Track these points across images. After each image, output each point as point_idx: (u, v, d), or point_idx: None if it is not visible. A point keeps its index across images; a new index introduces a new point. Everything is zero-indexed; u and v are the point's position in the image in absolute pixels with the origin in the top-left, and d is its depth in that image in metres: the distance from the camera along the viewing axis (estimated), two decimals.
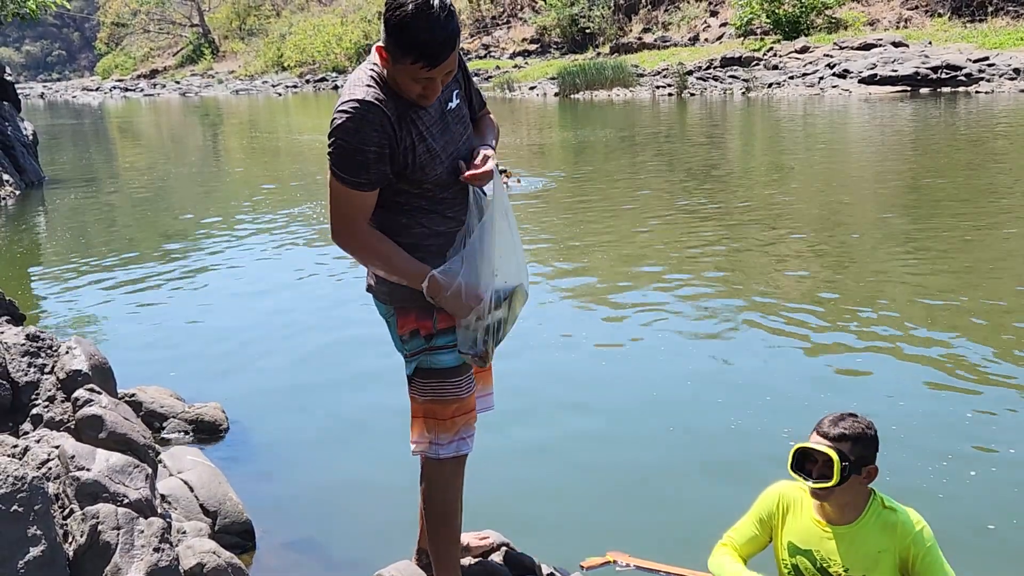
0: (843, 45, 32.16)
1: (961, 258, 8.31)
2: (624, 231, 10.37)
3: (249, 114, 39.27)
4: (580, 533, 3.88)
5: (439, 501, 2.80)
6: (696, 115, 25.41)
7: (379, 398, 5.25)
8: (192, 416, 5.12)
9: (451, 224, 2.73)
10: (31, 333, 4.52)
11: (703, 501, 4.12)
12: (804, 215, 10.97)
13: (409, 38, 2.39)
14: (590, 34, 43.81)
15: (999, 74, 26.42)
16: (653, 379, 5.73)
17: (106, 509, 2.68)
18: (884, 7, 35.71)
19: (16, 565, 2.46)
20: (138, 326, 7.38)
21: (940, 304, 6.91)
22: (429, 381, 2.73)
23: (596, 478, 4.41)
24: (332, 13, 64.90)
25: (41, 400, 4.21)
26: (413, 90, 2.52)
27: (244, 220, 12.38)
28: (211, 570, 3.46)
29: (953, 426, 4.78)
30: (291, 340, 6.83)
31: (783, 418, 4.91)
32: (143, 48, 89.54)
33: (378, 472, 4.38)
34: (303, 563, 3.84)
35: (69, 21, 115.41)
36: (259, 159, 22.15)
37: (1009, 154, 14.98)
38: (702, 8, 41.93)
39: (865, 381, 5.52)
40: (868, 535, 2.91)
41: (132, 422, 4.10)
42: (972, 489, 4.12)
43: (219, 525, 3.94)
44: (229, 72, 70.68)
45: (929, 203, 11.36)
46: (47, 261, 10.22)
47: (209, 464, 4.32)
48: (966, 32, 31.35)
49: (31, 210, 13.95)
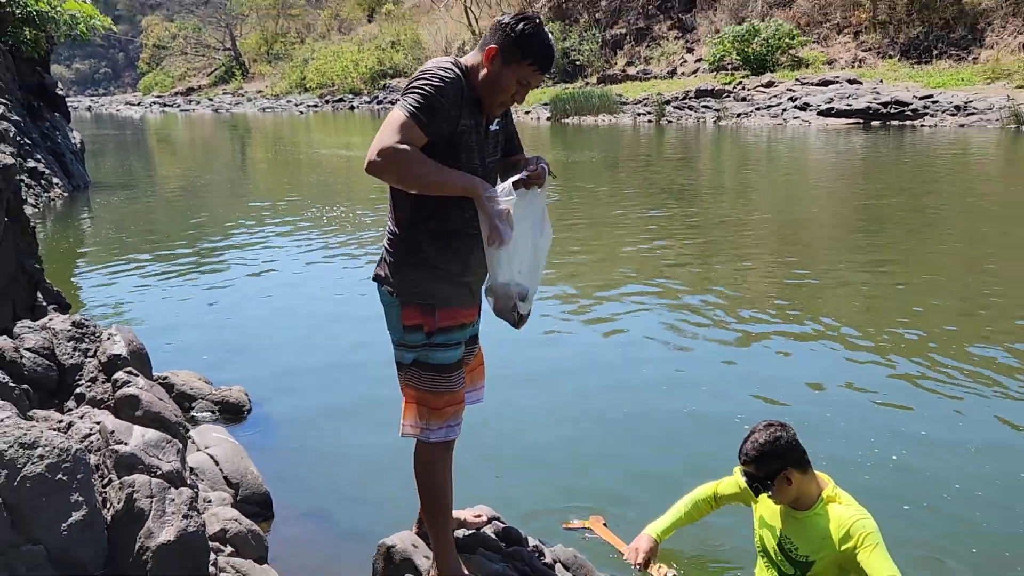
0: (804, 81, 32.29)
1: (902, 268, 8.37)
2: (607, 240, 10.39)
3: (274, 129, 39.21)
4: (560, 507, 3.91)
5: (430, 479, 2.80)
6: (672, 140, 25.45)
7: (387, 384, 5.22)
8: (218, 398, 5.12)
9: (469, 227, 2.67)
10: (76, 320, 4.51)
11: (669, 476, 4.14)
12: (766, 229, 11.02)
13: (535, 44, 2.59)
14: (580, 66, 43.86)
15: (941, 110, 26.53)
16: (633, 367, 5.74)
17: (141, 479, 2.67)
18: (841, 48, 35.81)
19: (60, 528, 2.45)
20: (171, 316, 7.36)
21: (881, 306, 6.99)
22: (426, 374, 2.72)
23: (577, 460, 4.43)
24: (350, 41, 64.88)
25: (84, 381, 4.20)
26: (510, 90, 2.64)
27: (268, 223, 12.37)
28: (233, 536, 3.46)
29: (881, 414, 4.82)
30: (308, 330, 6.85)
31: (735, 404, 4.97)
32: (180, 68, 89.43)
33: (384, 450, 4.37)
34: (316, 531, 3.84)
35: (115, 43, 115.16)
36: (282, 169, 22.11)
37: (947, 181, 15.05)
38: (679, 45, 42.00)
39: (811, 373, 5.56)
40: (816, 523, 2.95)
41: (165, 402, 4.09)
42: (893, 473, 4.16)
43: (241, 495, 3.93)
44: (257, 91, 70.61)
45: (876, 221, 11.42)
46: (91, 256, 10.19)
47: (233, 441, 4.32)
48: (913, 72, 31.49)
49: (77, 211, 13.91)
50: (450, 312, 2.70)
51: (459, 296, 2.73)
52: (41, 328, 4.39)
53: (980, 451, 4.38)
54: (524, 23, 2.59)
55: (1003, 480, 4.09)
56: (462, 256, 2.70)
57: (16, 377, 3.94)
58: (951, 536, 3.62)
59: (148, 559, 2.53)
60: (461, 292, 2.74)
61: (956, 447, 4.45)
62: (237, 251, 10.32)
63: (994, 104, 25.44)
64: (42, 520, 2.44)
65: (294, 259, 9.78)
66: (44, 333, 4.33)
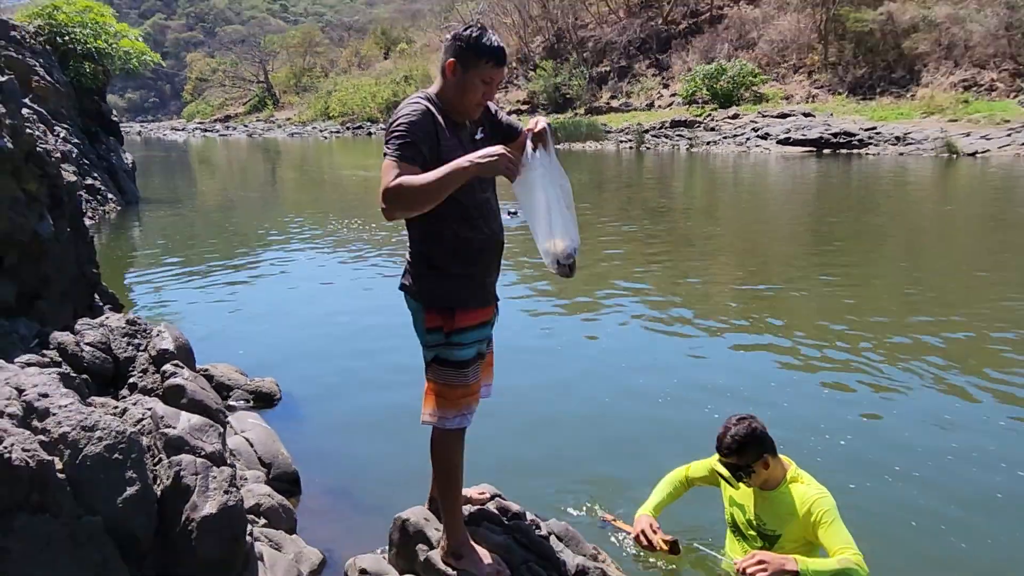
0: (765, 114, 32.37)
1: (848, 276, 8.37)
2: (592, 251, 10.39)
3: (301, 152, 39.18)
4: (556, 487, 3.91)
5: (444, 461, 2.79)
6: (650, 165, 25.48)
7: (402, 376, 5.23)
8: (252, 388, 5.11)
9: (477, 233, 2.66)
10: (130, 319, 4.50)
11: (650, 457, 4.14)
12: (730, 242, 11.04)
13: (485, 45, 2.55)
14: (570, 98, 43.91)
15: (884, 140, 26.60)
16: (610, 359, 5.74)
17: (187, 459, 2.66)
18: (797, 86, 35.93)
19: (116, 501, 2.44)
20: (211, 315, 7.35)
21: (829, 308, 6.99)
22: (444, 369, 2.70)
23: (569, 446, 4.42)
24: (368, 76, 64.94)
25: (137, 372, 4.19)
26: (478, 90, 2.59)
27: (295, 234, 12.37)
28: (266, 509, 3.45)
29: (832, 404, 4.83)
30: (332, 328, 6.84)
31: (705, 396, 4.97)
32: (219, 98, 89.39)
33: (399, 434, 4.37)
34: (338, 505, 3.83)
35: (163, 75, 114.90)
36: (308, 187, 22.09)
37: (888, 202, 15.08)
38: (657, 81, 42.12)
39: (770, 369, 5.56)
40: (782, 501, 2.95)
41: (207, 391, 4.08)
42: (843, 453, 4.16)
43: (272, 474, 3.93)
44: (286, 119, 70.50)
45: (826, 236, 11.45)
46: (141, 262, 10.17)
47: (265, 426, 4.31)
48: (859, 107, 31.61)
49: (129, 222, 13.88)
50: (468, 313, 2.68)
51: (476, 298, 2.70)
52: (99, 325, 4.38)
53: (917, 431, 4.40)
54: (470, 31, 2.58)
55: (936, 454, 4.13)
56: (474, 261, 2.67)
57: (77, 368, 3.93)
58: (896, 505, 3.64)
59: (193, 529, 2.52)
60: (478, 294, 2.71)
61: (898, 430, 4.46)
62: (269, 258, 10.30)
63: (929, 135, 25.53)
64: (100, 494, 2.43)
65: (319, 266, 9.78)
66: (102, 330, 4.32)
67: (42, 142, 4.96)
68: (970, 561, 3.29)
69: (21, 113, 4.63)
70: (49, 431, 2.47)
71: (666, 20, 45.49)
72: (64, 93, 14.53)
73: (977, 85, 29.61)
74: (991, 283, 8.02)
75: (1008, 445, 4.31)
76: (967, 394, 5.01)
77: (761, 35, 39.24)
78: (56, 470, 2.38)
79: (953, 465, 4.07)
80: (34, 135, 4.64)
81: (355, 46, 79.93)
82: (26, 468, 2.28)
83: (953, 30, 31.80)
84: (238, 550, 2.60)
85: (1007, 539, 3.42)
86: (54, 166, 4.86)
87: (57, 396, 2.61)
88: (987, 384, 5.15)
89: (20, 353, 3.63)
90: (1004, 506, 3.67)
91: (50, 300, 4.59)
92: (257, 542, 3.08)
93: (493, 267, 2.75)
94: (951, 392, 5.05)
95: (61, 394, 2.63)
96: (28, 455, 2.31)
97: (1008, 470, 3.98)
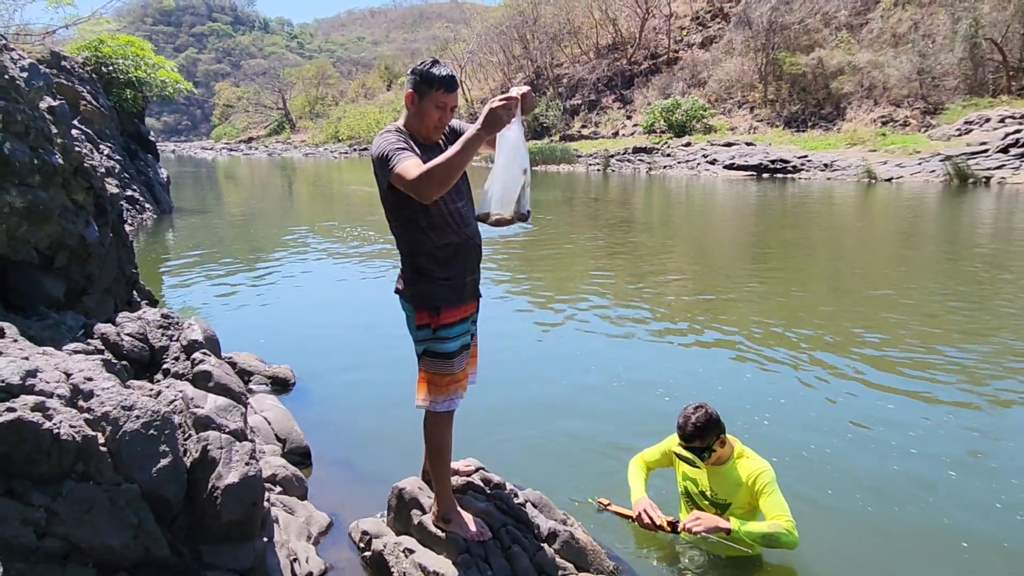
0: (714, 143, 32.53)
1: (782, 283, 8.42)
2: (561, 260, 10.41)
3: (314, 170, 38.93)
4: (534, 463, 3.91)
5: (435, 439, 2.79)
6: (614, 185, 25.56)
7: (401, 366, 5.21)
8: (270, 373, 5.08)
9: (454, 237, 2.64)
10: (164, 313, 4.47)
11: (610, 435, 4.16)
12: (682, 252, 11.08)
13: (434, 74, 2.56)
14: (546, 127, 43.99)
15: (814, 167, 26.77)
16: (575, 357, 5.76)
17: (214, 435, 2.64)
18: (741, 119, 36.18)
19: (151, 471, 2.43)
20: (235, 310, 7.30)
21: (766, 311, 7.03)
22: (433, 360, 2.70)
23: (545, 426, 4.43)
24: (373, 105, 64.79)
25: (169, 359, 4.16)
26: (434, 117, 2.60)
27: (309, 240, 12.28)
28: (281, 478, 3.44)
29: (770, 393, 4.87)
30: (341, 322, 6.81)
31: (668, 388, 4.99)
32: (243, 122, 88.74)
33: (397, 415, 4.36)
34: (344, 475, 3.82)
35: (194, 102, 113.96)
36: (320, 200, 21.95)
37: (817, 219, 15.21)
38: (621, 114, 42.25)
39: (715, 361, 5.58)
40: (731, 473, 2.97)
41: (231, 376, 4.06)
42: (782, 436, 4.21)
43: (287, 448, 3.91)
44: (301, 141, 70.15)
45: (764, 247, 11.51)
46: (174, 263, 10.07)
47: (281, 407, 4.29)
48: (793, 138, 31.85)
49: (163, 229, 13.74)
50: (451, 311, 2.68)
51: (458, 297, 2.69)
52: (137, 318, 4.34)
53: (846, 413, 4.45)
54: (423, 64, 2.60)
55: (858, 429, 4.17)
56: (454, 265, 2.66)
57: (118, 355, 3.90)
58: (828, 481, 3.68)
59: (218, 496, 2.50)
60: (460, 293, 2.70)
61: (829, 416, 4.51)
62: (286, 261, 10.23)
63: (852, 163, 25.76)
64: (137, 465, 2.41)
65: (330, 267, 9.73)
66: (139, 322, 4.28)
67: (89, 159, 4.91)
68: (869, 519, 3.33)
69: (71, 133, 4.58)
70: (93, 410, 2.44)
71: (629, 61, 45.69)
72: (108, 116, 14.35)
73: (893, 121, 29.95)
74: (895, 281, 8.12)
75: (902, 407, 4.37)
76: (878, 377, 5.07)
77: (711, 75, 39.50)
78: (99, 444, 2.36)
79: (859, 438, 4.12)
80: (81, 152, 4.59)
81: (362, 79, 79.63)
82: (72, 442, 2.27)
83: (873, 73, 32.19)
84: (257, 514, 2.59)
85: (901, 504, 3.48)
86: (99, 180, 4.80)
87: (100, 379, 2.58)
88: (895, 366, 5.23)
89: (68, 342, 3.58)
90: (890, 461, 3.73)
91: (94, 296, 4.54)
92: (273, 507, 3.07)
93: (471, 268, 2.73)
94: (858, 378, 5.11)
95: (104, 378, 2.60)
96: (75, 431, 2.29)
97: (895, 428, 4.05)
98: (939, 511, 3.42)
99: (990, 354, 5.68)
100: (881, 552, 3.14)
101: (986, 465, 3.86)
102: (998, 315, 6.90)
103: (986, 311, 7.06)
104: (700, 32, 44.25)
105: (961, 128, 25.87)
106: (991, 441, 4.15)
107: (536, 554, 2.77)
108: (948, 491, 3.60)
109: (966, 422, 4.41)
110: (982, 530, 3.26)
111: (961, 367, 5.37)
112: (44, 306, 4.01)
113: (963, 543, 3.18)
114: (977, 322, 6.63)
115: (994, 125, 24.53)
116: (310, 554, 2.94)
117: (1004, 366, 5.41)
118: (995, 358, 5.58)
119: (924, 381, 5.09)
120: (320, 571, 2.89)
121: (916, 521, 3.35)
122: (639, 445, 3.47)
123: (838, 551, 3.13)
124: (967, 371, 5.29)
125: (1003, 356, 5.64)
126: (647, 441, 3.43)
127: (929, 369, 5.32)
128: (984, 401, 4.75)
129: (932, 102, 29.57)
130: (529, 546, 2.79)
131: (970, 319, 6.74)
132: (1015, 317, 6.78)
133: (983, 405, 4.69)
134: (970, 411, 4.59)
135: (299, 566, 2.83)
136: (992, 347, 5.85)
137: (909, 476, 3.73)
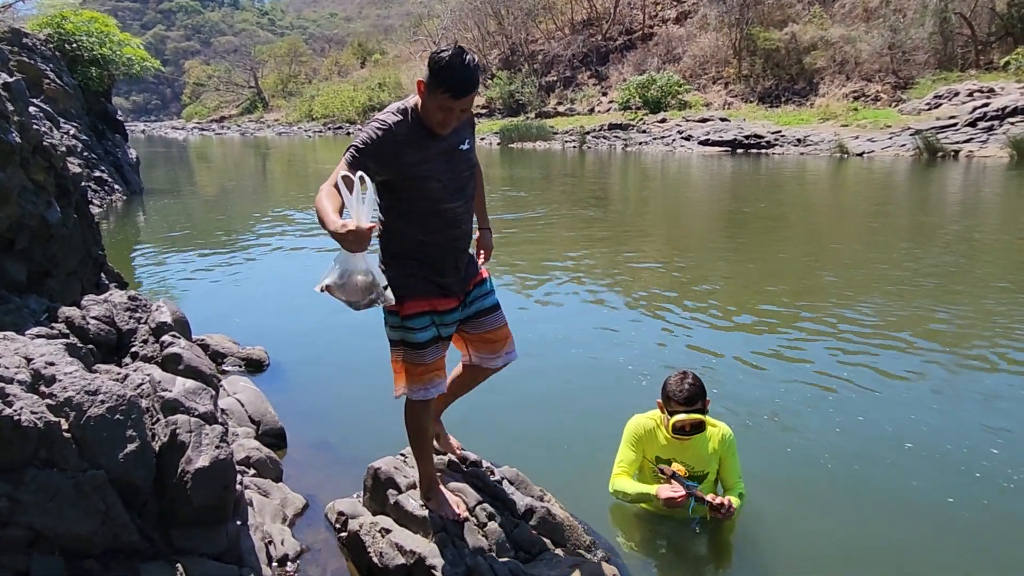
0: (689, 119, 32.52)
1: (758, 257, 8.48)
2: (539, 235, 10.37)
3: (288, 149, 38.33)
4: (511, 443, 3.89)
5: (414, 425, 2.76)
6: (591, 161, 25.50)
7: (377, 347, 5.14)
8: (244, 355, 5.01)
9: (433, 236, 2.55)
10: (131, 295, 4.36)
11: (589, 411, 4.15)
12: (658, 228, 11.10)
13: (446, 75, 2.28)
14: (522, 104, 43.62)
15: (787, 142, 26.94)
16: (552, 332, 5.75)
17: (182, 418, 2.58)
18: (715, 95, 36.17)
19: (118, 456, 2.36)
20: (207, 291, 7.17)
21: (741, 285, 7.08)
22: (406, 349, 2.64)
23: (528, 407, 4.42)
24: (347, 83, 63.57)
25: (137, 342, 4.06)
26: (436, 116, 2.37)
27: (283, 218, 12.10)
28: (255, 461, 3.39)
29: (746, 367, 4.91)
30: (315, 303, 6.65)
31: (643, 361, 4.99)
32: (215, 101, 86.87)
33: (374, 395, 4.32)
34: (320, 457, 3.77)
35: (164, 80, 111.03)
36: (294, 179, 21.64)
37: (790, 194, 15.32)
38: (597, 90, 42.02)
39: (695, 336, 5.58)
40: (704, 443, 2.97)
41: (201, 359, 3.98)
42: (758, 406, 4.24)
43: (261, 430, 3.86)
44: (275, 120, 68.84)
45: (738, 223, 11.58)
46: (143, 245, 9.87)
47: (255, 388, 4.23)
48: (767, 114, 31.95)
49: (133, 210, 13.46)
50: (415, 302, 2.60)
51: (425, 290, 2.61)
52: (103, 301, 4.23)
53: (819, 385, 4.50)
54: (440, 55, 2.29)
55: (826, 401, 4.21)
56: (424, 260, 2.59)
57: (83, 339, 3.80)
58: (799, 452, 3.72)
59: (188, 480, 2.45)
60: (426, 287, 2.61)
61: (802, 388, 4.55)
62: (259, 241, 10.06)
63: (825, 138, 25.95)
64: (103, 450, 2.35)
65: (303, 247, 9.58)
66: (106, 305, 4.18)
67: (49, 137, 4.75)
68: (836, 485, 3.37)
69: (28, 111, 4.42)
70: (55, 395, 2.37)
71: (605, 37, 45.38)
72: (72, 95, 13.96)
73: (865, 96, 30.13)
74: (864, 251, 8.21)
75: (881, 364, 4.43)
76: (855, 345, 5.13)
77: (685, 51, 39.38)
78: (62, 430, 2.29)
79: (830, 404, 4.17)
80: (40, 131, 4.43)
81: (335, 56, 78.22)
82: (34, 428, 2.19)
83: (846, 48, 32.30)
84: (229, 497, 2.54)
85: (856, 468, 3.52)
86: (60, 159, 4.65)
87: (63, 364, 2.50)
88: (873, 330, 5.29)
89: (31, 326, 3.48)
90: (859, 429, 3.78)
91: (58, 279, 4.41)
92: (247, 490, 3.02)
93: (448, 268, 2.62)
94: (841, 344, 5.17)
95: (67, 362, 2.52)
96: (36, 417, 2.22)
97: (863, 384, 4.10)
98: (906, 473, 3.47)
99: (959, 316, 5.76)
100: (847, 516, 3.17)
101: (949, 427, 3.92)
102: (966, 282, 7.01)
103: (953, 279, 7.16)
104: (675, 7, 44.02)
105: (931, 102, 26.11)
106: (955, 403, 4.22)
107: (513, 531, 2.76)
108: (916, 453, 3.65)
109: (931, 385, 4.48)
110: (945, 489, 3.32)
111: (930, 331, 5.45)
112: (6, 290, 3.89)
113: (925, 502, 3.23)
114: (946, 289, 6.73)
115: (963, 99, 24.78)
116: (285, 536, 2.91)
117: (973, 331, 5.49)
118: (966, 322, 5.66)
119: (893, 351, 5.16)
120: (296, 553, 2.86)
121: (882, 484, 3.40)
122: (615, 417, 3.45)
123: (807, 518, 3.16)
124: (936, 335, 5.36)
125: (974, 320, 5.73)
126: (621, 414, 3.42)
127: (899, 332, 5.38)
128: (951, 364, 4.83)
129: (903, 77, 29.78)
130: (506, 523, 2.78)
131: (939, 287, 6.84)
132: (982, 281, 6.89)
133: (951, 367, 4.77)
134: (934, 374, 4.65)
135: (274, 548, 2.80)
136: (963, 309, 5.94)
137: (877, 441, 3.78)
